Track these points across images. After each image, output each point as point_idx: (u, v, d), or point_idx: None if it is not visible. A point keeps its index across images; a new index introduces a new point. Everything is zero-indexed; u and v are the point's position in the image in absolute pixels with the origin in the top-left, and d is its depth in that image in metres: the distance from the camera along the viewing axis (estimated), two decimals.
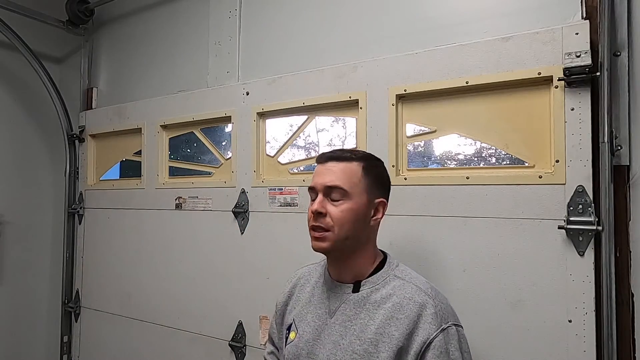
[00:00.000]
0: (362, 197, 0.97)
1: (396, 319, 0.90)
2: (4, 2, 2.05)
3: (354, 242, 0.97)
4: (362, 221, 0.97)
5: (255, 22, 1.79)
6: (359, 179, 0.97)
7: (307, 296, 1.07)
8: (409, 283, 0.95)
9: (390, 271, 0.99)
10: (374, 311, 0.93)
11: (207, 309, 1.76)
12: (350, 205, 0.95)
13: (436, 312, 0.90)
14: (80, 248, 2.29)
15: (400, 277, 0.97)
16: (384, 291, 0.95)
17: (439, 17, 1.38)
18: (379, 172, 1.02)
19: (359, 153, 1.02)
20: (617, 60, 1.10)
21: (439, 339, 0.87)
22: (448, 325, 0.90)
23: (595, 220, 1.06)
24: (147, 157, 2.02)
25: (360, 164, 0.98)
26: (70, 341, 2.30)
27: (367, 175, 0.98)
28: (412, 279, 0.97)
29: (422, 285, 0.95)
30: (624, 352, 1.06)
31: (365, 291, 0.97)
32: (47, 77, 2.23)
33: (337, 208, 0.95)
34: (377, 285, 0.97)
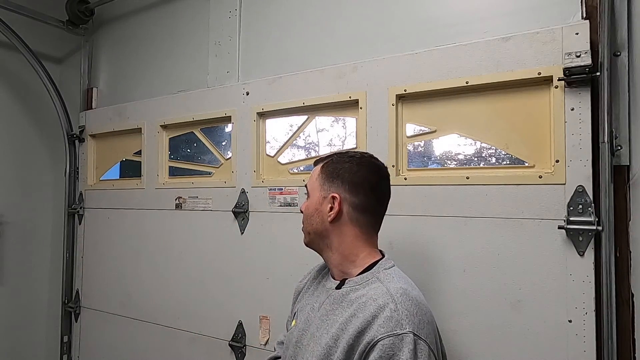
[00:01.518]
0: (315, 194, 1.03)
1: (356, 317, 0.90)
2: (4, 2, 2.04)
3: (317, 237, 1.03)
4: (317, 217, 1.02)
5: (255, 22, 1.79)
6: (316, 177, 1.04)
7: (312, 288, 1.11)
8: (383, 286, 0.93)
9: (376, 273, 0.97)
10: (346, 309, 0.94)
11: (207, 309, 1.76)
12: (308, 202, 1.05)
13: (392, 315, 0.85)
14: (80, 248, 2.29)
15: (380, 280, 0.95)
16: (361, 292, 0.94)
17: (439, 17, 1.38)
18: (335, 167, 1.02)
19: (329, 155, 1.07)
20: (617, 60, 1.10)
21: (385, 342, 0.83)
22: (403, 332, 0.83)
23: (595, 220, 1.06)
24: (147, 157, 2.02)
25: (321, 164, 1.05)
26: (70, 341, 2.30)
27: (323, 172, 1.03)
28: (389, 283, 0.93)
29: (393, 289, 0.91)
30: (624, 352, 1.06)
31: (346, 289, 0.98)
32: (47, 77, 2.23)
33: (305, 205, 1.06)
34: (358, 285, 0.97)
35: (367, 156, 1.05)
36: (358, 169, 1.01)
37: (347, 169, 1.01)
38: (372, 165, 1.04)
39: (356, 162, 1.02)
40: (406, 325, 0.84)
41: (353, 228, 1.00)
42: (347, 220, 1.00)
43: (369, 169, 1.02)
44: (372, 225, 1.03)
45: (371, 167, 1.03)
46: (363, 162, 1.03)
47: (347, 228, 1.00)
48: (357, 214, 0.99)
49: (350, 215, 0.99)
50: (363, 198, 1.00)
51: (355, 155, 1.04)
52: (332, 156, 1.06)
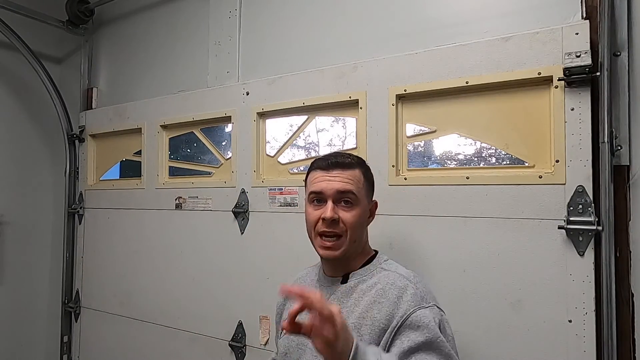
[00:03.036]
0: (364, 201, 1.03)
1: (379, 302, 0.93)
2: (4, 2, 2.04)
3: (359, 244, 1.02)
4: (364, 224, 1.05)
5: (255, 22, 1.79)
6: (362, 184, 1.02)
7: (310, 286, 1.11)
8: (393, 272, 0.99)
9: (378, 264, 1.03)
10: (360, 299, 0.96)
11: (207, 309, 1.76)
12: (359, 210, 1.00)
13: (416, 292, 0.93)
14: (80, 248, 2.29)
15: (386, 269, 1.01)
16: (371, 282, 0.99)
17: (439, 17, 1.38)
18: (371, 176, 1.09)
19: (355, 158, 1.06)
20: (617, 60, 1.10)
21: (418, 313, 0.88)
22: (430, 305, 0.92)
23: (595, 220, 1.06)
24: (147, 157, 2.02)
25: (361, 170, 1.04)
26: (70, 341, 2.30)
27: (366, 180, 1.05)
28: (397, 269, 1.01)
29: (405, 273, 0.99)
30: (624, 352, 1.06)
31: (353, 282, 1.01)
32: (47, 77, 2.23)
33: (349, 213, 0.99)
34: (364, 276, 1.01)
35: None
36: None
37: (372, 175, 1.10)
38: None
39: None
40: (429, 299, 0.93)
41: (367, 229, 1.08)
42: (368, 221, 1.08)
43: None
44: None
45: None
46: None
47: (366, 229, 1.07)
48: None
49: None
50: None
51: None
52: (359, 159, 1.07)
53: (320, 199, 1.01)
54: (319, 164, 1.04)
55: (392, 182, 1.36)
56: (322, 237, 0.99)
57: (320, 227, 0.99)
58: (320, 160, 1.05)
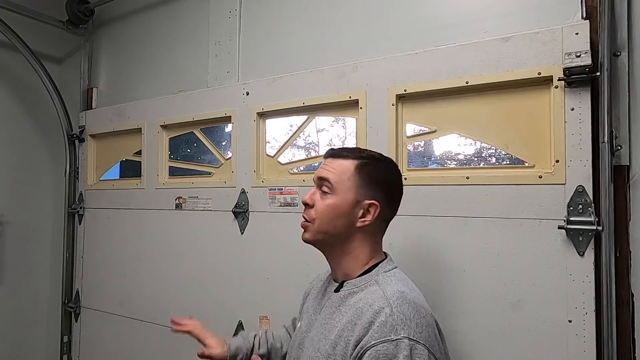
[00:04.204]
0: (347, 194, 0.94)
1: (354, 324, 0.86)
2: (4, 2, 2.04)
3: (335, 239, 0.96)
4: (345, 219, 0.95)
5: (255, 22, 1.79)
6: (348, 176, 0.95)
7: (316, 291, 1.10)
8: (379, 290, 0.89)
9: (375, 276, 0.94)
10: (344, 314, 0.91)
11: (207, 309, 1.76)
12: (334, 201, 0.95)
13: (387, 321, 0.82)
14: (80, 248, 2.29)
15: (378, 283, 0.91)
16: (360, 295, 0.91)
17: (439, 17, 1.38)
18: (376, 172, 0.97)
19: (361, 153, 1.00)
20: (617, 60, 1.10)
21: (379, 348, 0.80)
22: (398, 337, 0.80)
23: (595, 220, 1.06)
24: (147, 157, 2.02)
25: (355, 162, 0.96)
26: (70, 341, 2.30)
27: (359, 174, 0.96)
28: (387, 286, 0.90)
29: (389, 292, 0.88)
30: (624, 352, 1.06)
31: (344, 292, 0.95)
32: (47, 77, 2.23)
33: (321, 201, 0.96)
34: (356, 288, 0.94)
35: (394, 162, 1.04)
36: (395, 179, 1.01)
37: (387, 177, 0.99)
38: (399, 174, 1.03)
39: (390, 169, 1.01)
40: (401, 330, 0.81)
41: (374, 235, 0.98)
42: (371, 228, 0.97)
43: (399, 179, 1.02)
44: (384, 232, 1.02)
45: (400, 177, 1.02)
46: (395, 170, 1.02)
47: (368, 235, 0.97)
48: (382, 223, 0.99)
49: (376, 223, 0.97)
50: (393, 209, 1.00)
51: (387, 160, 1.02)
52: (364, 154, 0.99)
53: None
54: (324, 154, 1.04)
55: None
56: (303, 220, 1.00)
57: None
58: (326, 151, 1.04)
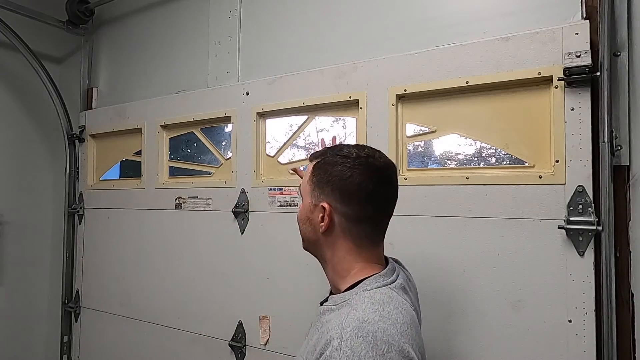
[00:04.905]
0: (307, 198, 0.89)
1: (314, 349, 0.76)
2: (4, 2, 2.04)
3: (311, 246, 0.92)
4: (308, 225, 0.89)
5: (255, 22, 1.79)
6: (308, 179, 0.90)
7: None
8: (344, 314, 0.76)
9: (353, 294, 0.81)
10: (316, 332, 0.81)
11: (207, 309, 1.76)
12: (300, 206, 0.92)
13: (330, 355, 0.70)
14: (80, 248, 2.29)
15: (351, 304, 0.78)
16: (332, 315, 0.80)
17: (439, 17, 1.38)
18: (326, 170, 0.86)
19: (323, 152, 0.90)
20: (617, 60, 1.10)
21: None
22: None
23: (595, 220, 1.06)
24: (147, 157, 2.02)
25: (314, 162, 0.90)
26: (70, 341, 2.30)
27: (314, 175, 0.88)
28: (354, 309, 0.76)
29: (350, 319, 0.73)
30: (624, 352, 1.06)
31: (324, 308, 0.85)
32: (47, 77, 2.23)
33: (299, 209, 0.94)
34: (334, 305, 0.82)
35: (364, 155, 0.86)
36: (351, 174, 0.84)
37: (338, 172, 0.84)
38: (369, 168, 0.85)
39: (350, 164, 0.84)
40: None
41: (345, 240, 0.86)
42: (339, 232, 0.85)
43: (365, 174, 0.84)
44: (370, 236, 0.87)
45: (367, 171, 0.84)
46: (358, 163, 0.84)
47: (339, 240, 0.86)
48: (350, 224, 0.85)
49: (342, 226, 0.85)
50: (356, 208, 0.84)
51: (350, 155, 0.86)
52: (326, 152, 0.90)
53: None
54: None
55: None
56: None
57: None
58: None
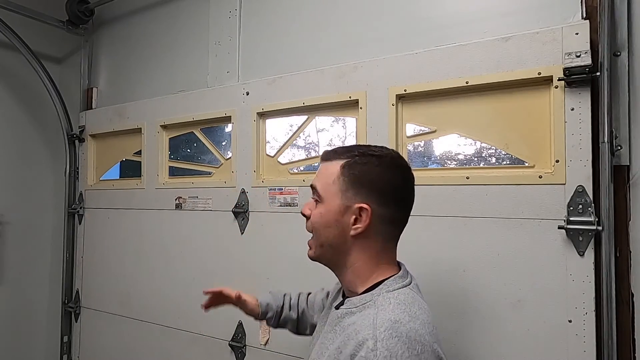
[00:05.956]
0: (333, 200, 0.85)
1: (340, 352, 0.77)
2: (4, 2, 2.04)
3: (332, 251, 0.87)
4: (335, 228, 0.86)
5: (255, 22, 1.79)
6: (333, 179, 0.86)
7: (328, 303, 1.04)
8: (372, 315, 0.77)
9: (376, 296, 0.82)
10: (337, 336, 0.82)
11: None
12: (322, 209, 0.87)
13: (367, 357, 0.71)
14: (80, 248, 2.29)
15: (376, 305, 0.80)
16: (354, 318, 0.81)
17: (439, 17, 1.38)
18: (362, 171, 0.85)
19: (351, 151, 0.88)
20: (617, 60, 1.10)
21: None
22: None
23: (595, 220, 1.06)
24: (147, 157, 2.02)
25: (340, 162, 0.86)
26: (70, 341, 2.30)
27: (344, 175, 0.85)
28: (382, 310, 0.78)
29: (380, 320, 0.75)
30: (624, 352, 1.06)
31: (342, 311, 0.85)
32: (47, 77, 2.23)
33: (314, 211, 0.89)
34: (355, 307, 0.83)
35: (394, 156, 0.89)
36: (387, 174, 0.86)
37: (377, 173, 0.85)
38: (402, 168, 0.88)
39: (386, 164, 0.86)
40: None
41: (376, 242, 0.86)
42: (371, 234, 0.85)
43: (399, 175, 0.87)
44: (395, 237, 0.90)
45: (401, 172, 0.88)
46: (393, 165, 0.87)
47: (368, 242, 0.86)
48: (383, 226, 0.85)
49: (375, 228, 0.84)
50: (392, 209, 0.86)
51: (382, 155, 0.87)
52: (353, 152, 0.87)
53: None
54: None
55: None
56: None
57: None
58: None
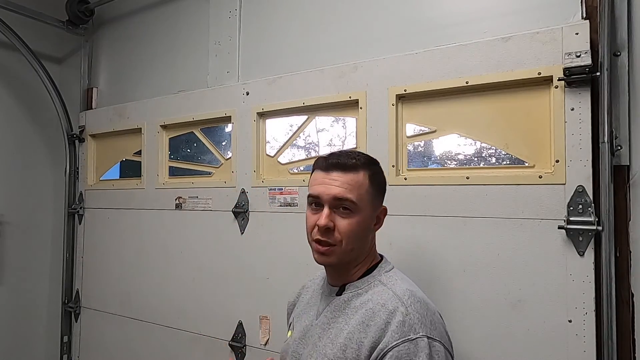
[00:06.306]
0: (368, 208, 0.95)
1: (367, 325, 0.86)
2: (4, 2, 2.04)
3: (358, 252, 0.96)
4: (368, 232, 0.96)
5: (255, 22, 1.79)
6: (365, 190, 0.94)
7: (307, 298, 1.10)
8: (388, 289, 0.90)
9: (377, 276, 0.95)
10: (351, 316, 0.91)
11: (207, 309, 1.76)
12: (358, 219, 0.92)
13: (404, 320, 0.83)
14: (80, 248, 2.29)
15: (383, 283, 0.93)
16: (365, 297, 0.92)
17: (439, 17, 1.38)
18: (381, 179, 1.00)
19: (362, 159, 0.97)
20: (617, 60, 1.10)
21: (400, 348, 0.81)
22: (417, 336, 0.82)
23: (595, 220, 1.06)
24: (147, 157, 2.02)
25: (366, 173, 0.95)
26: (70, 341, 2.30)
27: (372, 185, 0.96)
28: (394, 285, 0.91)
29: (400, 291, 0.89)
30: (624, 352, 1.06)
31: (348, 295, 0.95)
32: (47, 77, 2.23)
33: (345, 221, 0.92)
34: (359, 290, 0.94)
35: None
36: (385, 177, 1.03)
37: (384, 179, 1.02)
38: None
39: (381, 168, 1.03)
40: (419, 329, 0.83)
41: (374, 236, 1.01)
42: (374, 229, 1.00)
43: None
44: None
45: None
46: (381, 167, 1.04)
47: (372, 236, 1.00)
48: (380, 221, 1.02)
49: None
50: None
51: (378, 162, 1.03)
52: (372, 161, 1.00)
53: (318, 203, 0.94)
54: (319, 163, 0.97)
55: (392, 182, 1.35)
56: (317, 243, 0.94)
57: (316, 234, 0.93)
58: (321, 160, 0.97)
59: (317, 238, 0.93)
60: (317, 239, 0.93)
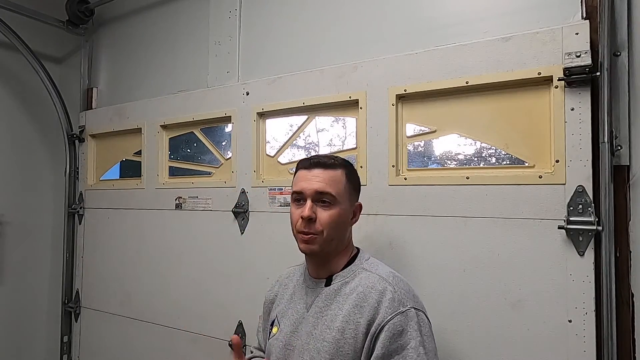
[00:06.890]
0: (346, 203, 1.05)
1: (360, 307, 0.96)
2: (4, 2, 2.05)
3: (337, 243, 1.05)
4: (345, 224, 1.06)
5: (255, 22, 1.79)
6: (343, 186, 1.04)
7: (289, 294, 1.14)
8: (373, 274, 1.01)
9: (360, 265, 1.05)
10: (343, 302, 0.99)
11: (207, 309, 1.76)
12: (338, 211, 1.03)
13: (394, 297, 0.95)
14: (80, 248, 2.29)
15: (367, 269, 1.03)
16: (353, 284, 1.01)
17: (439, 17, 1.38)
18: (357, 178, 1.11)
19: (339, 160, 1.08)
20: (617, 60, 1.10)
21: (394, 321, 0.92)
22: (407, 308, 0.94)
23: (595, 220, 1.06)
24: (147, 157, 2.02)
25: (344, 171, 1.06)
26: (70, 341, 2.30)
27: (349, 182, 1.06)
28: (377, 270, 1.03)
29: (384, 274, 1.01)
30: (624, 352, 1.06)
31: (336, 284, 1.04)
32: (47, 77, 2.23)
33: (326, 213, 1.02)
34: (346, 278, 1.03)
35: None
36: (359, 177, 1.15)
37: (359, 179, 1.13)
38: None
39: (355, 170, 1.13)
40: (407, 302, 0.95)
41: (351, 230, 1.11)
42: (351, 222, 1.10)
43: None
44: None
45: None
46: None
47: (350, 229, 1.10)
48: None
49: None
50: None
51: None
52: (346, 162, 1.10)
53: (300, 199, 1.05)
54: (303, 164, 1.08)
55: (392, 182, 1.36)
56: (300, 233, 1.04)
57: (300, 225, 1.03)
58: (304, 161, 1.08)
59: (301, 229, 1.03)
60: (301, 230, 1.03)
